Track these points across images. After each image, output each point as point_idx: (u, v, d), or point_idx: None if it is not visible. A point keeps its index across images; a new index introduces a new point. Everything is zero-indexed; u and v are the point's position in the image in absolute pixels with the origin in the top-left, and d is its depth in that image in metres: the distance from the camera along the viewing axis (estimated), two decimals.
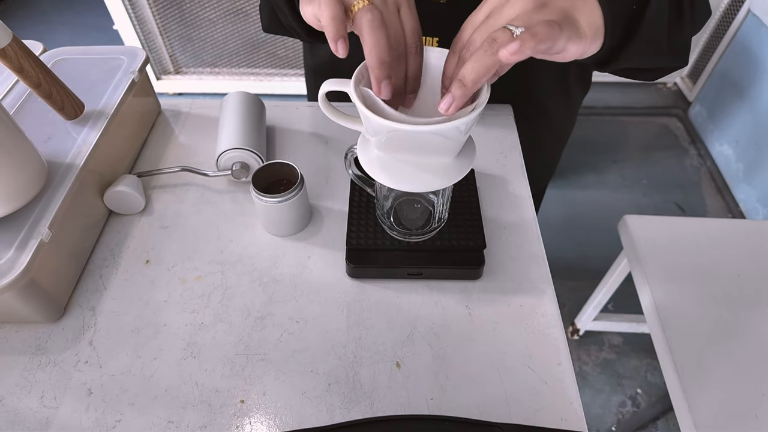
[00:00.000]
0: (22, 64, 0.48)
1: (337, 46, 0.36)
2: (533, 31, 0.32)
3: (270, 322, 0.49)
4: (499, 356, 0.46)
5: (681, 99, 2.07)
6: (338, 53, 0.37)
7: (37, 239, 0.44)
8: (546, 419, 0.43)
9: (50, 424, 0.43)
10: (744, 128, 1.68)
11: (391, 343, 0.47)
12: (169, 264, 0.54)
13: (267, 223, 0.55)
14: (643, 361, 1.34)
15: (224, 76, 2.05)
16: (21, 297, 0.44)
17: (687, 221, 0.99)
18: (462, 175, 0.41)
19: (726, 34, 1.79)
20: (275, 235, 0.56)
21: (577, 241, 1.61)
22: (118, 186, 0.56)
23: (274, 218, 0.54)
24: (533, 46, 0.32)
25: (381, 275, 0.52)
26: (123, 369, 0.46)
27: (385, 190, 0.50)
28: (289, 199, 0.51)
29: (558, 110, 0.75)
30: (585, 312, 1.29)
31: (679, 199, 1.73)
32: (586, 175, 1.81)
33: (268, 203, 0.51)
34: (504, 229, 0.56)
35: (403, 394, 0.44)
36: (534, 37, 0.32)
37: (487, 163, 0.63)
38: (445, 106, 0.35)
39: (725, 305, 0.86)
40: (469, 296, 0.51)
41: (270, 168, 0.54)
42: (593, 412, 1.26)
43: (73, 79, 0.58)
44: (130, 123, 0.63)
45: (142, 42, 1.89)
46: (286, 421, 0.43)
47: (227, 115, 0.62)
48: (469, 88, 0.34)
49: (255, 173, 0.53)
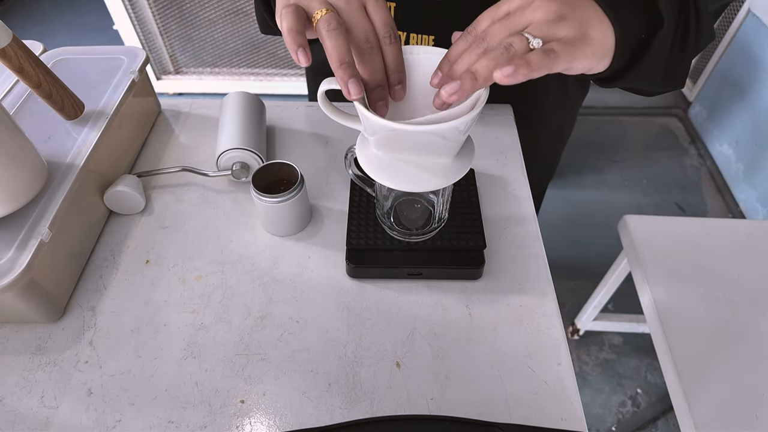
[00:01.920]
0: (22, 64, 0.48)
1: (297, 55, 0.37)
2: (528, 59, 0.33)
3: (270, 322, 0.49)
4: (499, 356, 0.46)
5: (681, 99, 2.07)
6: (300, 63, 0.37)
7: (37, 239, 0.44)
8: (546, 419, 0.43)
9: (50, 424, 0.43)
10: (744, 128, 1.68)
11: (391, 343, 0.47)
12: (169, 264, 0.54)
13: (267, 223, 0.55)
14: (643, 361, 1.34)
15: (224, 76, 2.05)
16: (21, 297, 0.44)
17: (687, 221, 0.99)
18: (461, 175, 0.41)
19: (726, 34, 1.79)
20: (275, 235, 0.56)
21: (577, 241, 1.61)
22: (118, 186, 0.56)
23: (274, 218, 0.54)
24: (526, 74, 0.33)
25: (381, 275, 0.52)
26: (123, 369, 0.46)
27: (385, 190, 0.50)
28: (289, 199, 0.51)
29: (557, 110, 0.75)
30: (585, 312, 1.29)
31: (679, 199, 1.73)
32: (586, 175, 1.81)
33: (268, 203, 0.51)
34: (504, 229, 0.56)
35: (403, 394, 0.44)
36: (528, 65, 0.33)
37: (487, 163, 0.63)
38: (450, 91, 0.34)
39: (725, 305, 0.86)
40: (469, 296, 0.51)
41: (270, 168, 0.54)
42: (593, 412, 1.26)
43: (73, 79, 0.58)
44: (130, 123, 0.63)
45: (142, 42, 1.89)
46: (286, 421, 0.43)
47: (227, 115, 0.62)
48: (479, 84, 0.34)
49: (255, 173, 0.53)
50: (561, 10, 0.35)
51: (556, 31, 0.35)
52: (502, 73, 0.33)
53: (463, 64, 0.36)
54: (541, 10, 0.35)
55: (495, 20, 0.37)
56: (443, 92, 0.34)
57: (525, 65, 0.33)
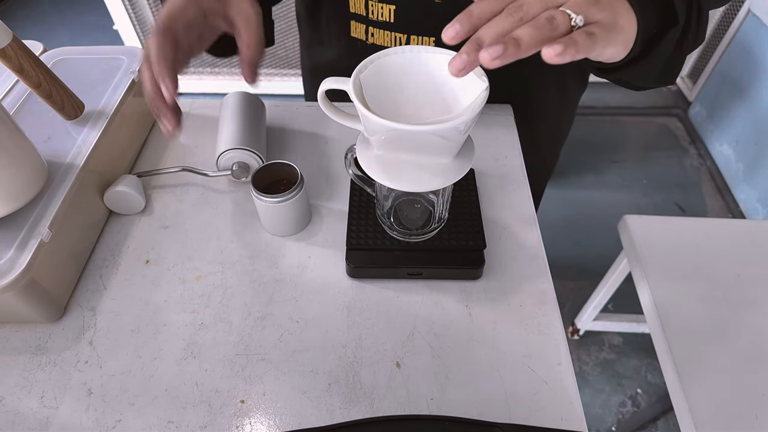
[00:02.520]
0: (22, 64, 0.48)
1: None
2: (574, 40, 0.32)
3: (270, 322, 0.49)
4: (499, 356, 0.46)
5: (681, 99, 2.07)
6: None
7: (37, 239, 0.44)
8: (546, 419, 0.43)
9: (50, 424, 0.43)
10: (744, 128, 1.68)
11: (391, 343, 0.47)
12: (169, 264, 0.54)
13: (267, 224, 0.55)
14: (643, 361, 1.34)
15: (224, 76, 2.05)
16: (21, 297, 0.44)
17: (687, 221, 0.99)
18: (461, 175, 0.41)
19: (726, 34, 1.79)
20: (275, 235, 0.56)
21: (577, 241, 1.61)
22: (118, 186, 0.56)
23: (274, 218, 0.54)
24: (573, 54, 0.32)
25: (381, 275, 0.52)
26: (123, 369, 0.46)
27: (385, 190, 0.50)
28: (289, 199, 0.51)
29: (555, 108, 0.75)
30: (585, 312, 1.29)
31: (679, 199, 1.73)
32: (586, 175, 1.81)
33: (268, 203, 0.51)
34: (504, 229, 0.56)
35: (403, 394, 0.44)
36: (575, 45, 0.32)
37: (487, 163, 0.63)
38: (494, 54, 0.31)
39: (725, 305, 0.86)
40: (469, 296, 0.51)
41: (270, 168, 0.54)
42: (593, 412, 1.26)
43: (73, 79, 0.58)
44: (130, 123, 0.63)
45: (142, 42, 1.89)
46: (286, 421, 0.43)
47: (227, 115, 0.62)
48: (522, 52, 0.32)
49: (255, 173, 0.53)
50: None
51: (594, 13, 0.34)
52: (553, 50, 0.31)
53: (496, 28, 0.33)
54: None
55: None
56: (486, 55, 0.32)
57: (573, 45, 0.32)
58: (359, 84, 0.39)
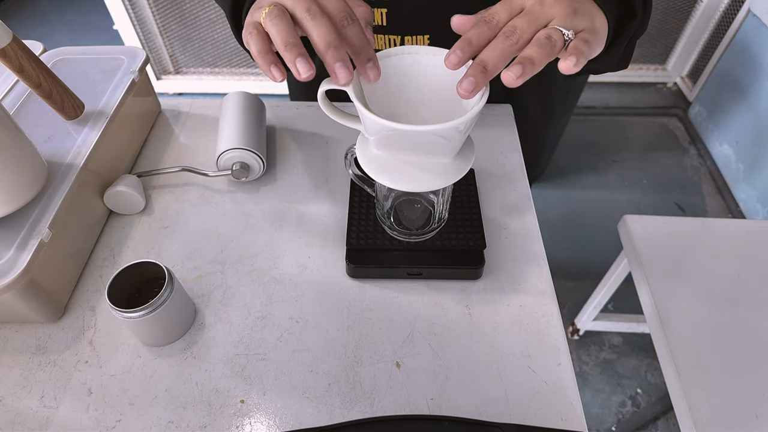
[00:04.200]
0: (22, 64, 0.48)
1: (272, 73, 0.39)
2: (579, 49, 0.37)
3: (270, 322, 0.49)
4: (499, 356, 0.46)
5: (681, 99, 2.07)
6: (276, 79, 0.39)
7: (37, 239, 0.44)
8: (546, 419, 0.43)
9: (50, 424, 0.43)
10: (744, 128, 1.68)
11: (391, 343, 0.47)
12: (169, 264, 0.54)
13: (142, 337, 0.46)
14: (643, 361, 1.34)
15: (224, 76, 2.05)
16: (21, 297, 0.44)
17: (687, 221, 0.99)
18: (461, 175, 0.41)
19: (726, 34, 1.79)
20: (154, 347, 0.47)
21: (577, 241, 1.61)
22: (118, 186, 0.56)
23: (145, 332, 0.45)
24: (582, 62, 0.37)
25: (381, 275, 0.52)
26: (123, 369, 0.46)
27: (385, 190, 0.50)
28: (156, 309, 0.42)
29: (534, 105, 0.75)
30: (585, 312, 1.29)
31: (679, 199, 1.73)
32: (586, 175, 1.81)
33: (131, 318, 0.42)
34: (504, 229, 0.56)
35: (403, 394, 0.44)
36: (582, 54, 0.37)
37: (487, 163, 0.63)
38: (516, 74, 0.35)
39: (725, 305, 0.86)
40: (469, 296, 0.51)
41: (132, 270, 0.45)
42: (593, 412, 1.26)
43: (73, 79, 0.58)
44: (130, 123, 0.63)
45: (142, 42, 1.88)
46: (286, 421, 0.43)
47: (227, 115, 0.62)
48: (536, 69, 0.36)
49: (111, 282, 0.43)
50: (572, 4, 0.39)
51: (576, 24, 0.38)
52: (571, 63, 0.36)
53: (496, 51, 0.36)
54: (558, 6, 0.38)
55: (513, 14, 0.39)
56: (511, 74, 0.35)
57: (581, 54, 0.36)
58: (359, 84, 0.39)
